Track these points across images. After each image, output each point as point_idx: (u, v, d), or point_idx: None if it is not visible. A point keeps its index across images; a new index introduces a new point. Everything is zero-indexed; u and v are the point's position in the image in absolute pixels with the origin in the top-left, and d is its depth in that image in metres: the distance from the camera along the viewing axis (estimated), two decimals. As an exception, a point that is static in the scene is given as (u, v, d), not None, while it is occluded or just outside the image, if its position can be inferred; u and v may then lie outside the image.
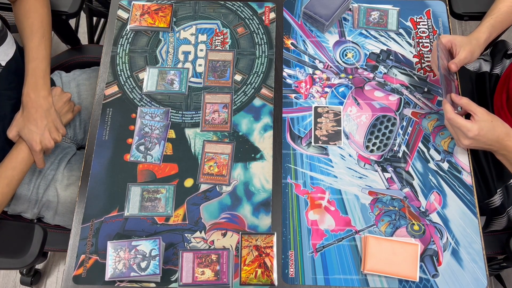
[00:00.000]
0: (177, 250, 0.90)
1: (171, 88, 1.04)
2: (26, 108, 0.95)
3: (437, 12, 1.12)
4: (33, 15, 1.00)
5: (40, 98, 0.96)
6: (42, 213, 1.08)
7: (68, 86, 1.17)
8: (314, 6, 1.08)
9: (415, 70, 1.06)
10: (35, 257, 0.91)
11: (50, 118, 0.97)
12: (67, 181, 1.06)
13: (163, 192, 0.95)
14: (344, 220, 0.92)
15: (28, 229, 0.93)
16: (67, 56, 1.31)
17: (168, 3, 1.13)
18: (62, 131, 0.99)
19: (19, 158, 0.94)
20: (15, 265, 0.92)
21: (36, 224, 0.94)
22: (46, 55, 1.00)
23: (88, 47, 1.35)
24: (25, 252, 0.91)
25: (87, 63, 1.29)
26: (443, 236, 0.90)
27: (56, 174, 1.06)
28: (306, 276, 0.88)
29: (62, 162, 1.08)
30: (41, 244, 0.92)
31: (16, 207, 1.06)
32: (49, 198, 1.05)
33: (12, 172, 0.92)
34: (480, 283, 0.87)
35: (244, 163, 0.97)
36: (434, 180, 0.95)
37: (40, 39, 0.99)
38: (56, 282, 1.59)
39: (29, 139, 0.94)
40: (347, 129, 1.00)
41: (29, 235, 0.92)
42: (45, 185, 1.05)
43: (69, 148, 1.13)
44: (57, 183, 1.05)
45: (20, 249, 0.91)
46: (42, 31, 1.00)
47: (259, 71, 1.06)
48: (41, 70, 0.98)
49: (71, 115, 1.06)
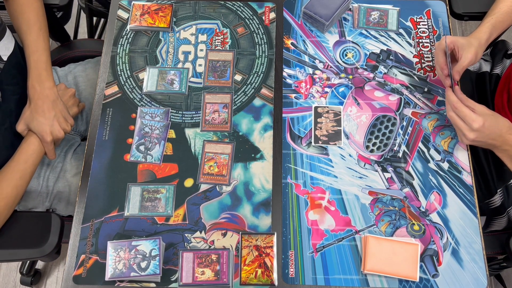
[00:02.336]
0: (177, 250, 0.90)
1: (171, 88, 1.04)
2: (33, 100, 0.96)
3: (437, 12, 1.12)
4: (28, 10, 1.00)
5: (45, 89, 0.97)
6: (54, 206, 1.09)
7: (66, 79, 1.18)
8: (314, 6, 1.08)
9: (415, 70, 1.06)
10: (54, 246, 0.92)
11: (58, 109, 0.97)
12: (76, 169, 1.08)
13: (163, 192, 0.95)
14: (344, 220, 0.92)
15: (45, 218, 0.94)
16: (58, 53, 1.32)
17: (168, 3, 1.13)
18: (71, 122, 1.00)
19: (30, 151, 0.94)
20: (35, 255, 0.93)
21: (52, 213, 0.95)
22: (45, 47, 1.00)
23: (77, 42, 1.36)
24: (45, 241, 0.92)
25: (79, 58, 1.30)
26: (443, 236, 0.90)
27: (64, 165, 1.07)
28: (306, 276, 0.88)
29: (68, 153, 1.10)
30: (60, 232, 0.93)
31: (27, 203, 1.07)
32: (60, 189, 1.06)
33: (24, 165, 0.93)
34: (480, 283, 0.87)
35: (244, 163, 0.97)
36: (434, 180, 0.95)
37: (38, 32, 1.00)
38: (56, 282, 1.59)
39: (40, 131, 0.94)
40: (347, 129, 1.00)
41: (47, 225, 0.93)
42: (54, 177, 1.06)
43: (74, 139, 1.15)
44: (67, 173, 1.07)
45: (39, 238, 0.92)
46: (39, 24, 1.00)
47: (259, 71, 1.06)
48: (43, 62, 0.98)
49: (77, 109, 1.06)
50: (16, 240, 0.93)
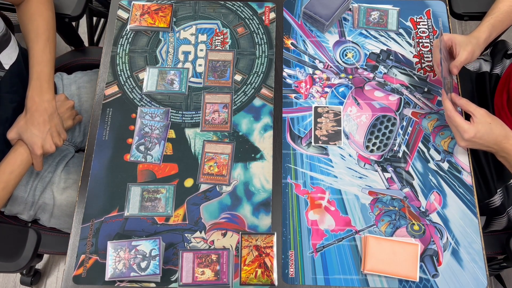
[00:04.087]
0: (177, 250, 0.90)
1: (171, 88, 1.04)
2: (30, 112, 0.94)
3: (437, 12, 1.12)
4: (38, 19, 1.00)
5: (44, 102, 0.96)
6: (38, 215, 1.08)
7: (69, 88, 1.17)
8: (314, 6, 1.08)
9: (415, 70, 1.06)
10: (28, 261, 0.90)
11: (53, 123, 0.96)
12: (64, 184, 1.06)
13: (163, 192, 0.95)
14: (344, 220, 0.92)
15: (22, 233, 0.93)
16: (70, 58, 1.31)
17: (168, 3, 1.13)
18: (64, 136, 0.99)
19: (18, 162, 0.93)
20: (8, 269, 0.91)
21: (30, 228, 0.94)
22: (50, 59, 0.99)
23: (90, 49, 1.35)
24: (18, 256, 0.90)
25: (89, 65, 1.29)
26: (443, 236, 0.90)
27: (53, 177, 1.06)
28: (306, 276, 0.88)
29: (60, 165, 1.08)
30: (35, 248, 0.91)
31: (13, 208, 1.06)
32: (45, 200, 1.05)
33: (9, 176, 0.92)
34: (480, 283, 0.87)
35: (244, 163, 0.97)
36: (434, 180, 0.95)
37: (45, 43, 0.99)
38: (56, 282, 1.59)
39: (31, 143, 0.93)
40: (347, 129, 1.00)
41: (22, 239, 0.92)
42: (42, 188, 1.05)
43: (67, 150, 1.13)
44: (54, 186, 1.05)
45: (14, 252, 0.91)
46: (47, 35, 1.00)
47: (259, 71, 1.06)
48: (46, 74, 0.98)
49: (72, 122, 1.05)
50: None
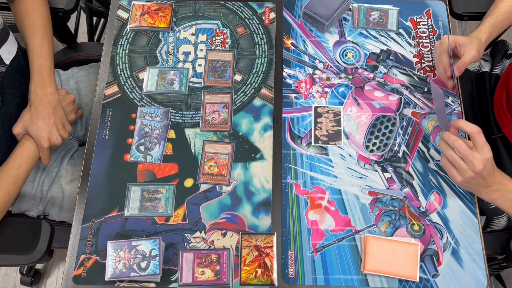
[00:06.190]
0: (177, 250, 0.90)
1: (171, 88, 1.04)
2: (34, 105, 0.95)
3: (437, 12, 1.12)
4: (34, 13, 1.00)
5: (47, 95, 0.97)
6: (47, 210, 1.08)
7: (67, 83, 1.18)
8: (314, 6, 1.08)
9: (415, 70, 1.06)
10: (43, 253, 0.91)
11: (58, 115, 0.97)
12: (71, 176, 1.07)
13: (163, 192, 0.95)
14: (344, 220, 0.92)
15: (35, 225, 0.94)
16: (64, 55, 1.31)
17: (168, 3, 1.13)
18: (69, 129, 1.00)
19: (25, 156, 0.94)
20: (24, 261, 0.92)
21: (43, 220, 0.95)
22: (49, 52, 1.00)
23: (83, 45, 1.35)
24: (34, 248, 0.91)
25: (84, 61, 1.29)
26: (443, 236, 0.90)
27: (60, 170, 1.07)
28: (306, 276, 0.88)
29: (65, 158, 1.09)
30: (49, 239, 0.92)
31: (21, 205, 1.06)
32: (53, 194, 1.06)
33: (18, 171, 0.92)
34: (480, 283, 0.87)
35: (244, 163, 0.97)
36: (434, 180, 0.95)
37: (42, 37, 0.99)
38: (56, 282, 1.59)
39: (38, 136, 0.94)
40: (347, 129, 1.00)
41: (36, 231, 0.93)
42: (49, 182, 1.06)
43: (71, 145, 1.14)
44: (61, 179, 1.06)
45: (28, 245, 0.92)
46: (44, 29, 1.00)
47: (259, 71, 1.06)
48: (47, 68, 0.98)
49: (74, 116, 1.06)
50: (5, 246, 0.92)
